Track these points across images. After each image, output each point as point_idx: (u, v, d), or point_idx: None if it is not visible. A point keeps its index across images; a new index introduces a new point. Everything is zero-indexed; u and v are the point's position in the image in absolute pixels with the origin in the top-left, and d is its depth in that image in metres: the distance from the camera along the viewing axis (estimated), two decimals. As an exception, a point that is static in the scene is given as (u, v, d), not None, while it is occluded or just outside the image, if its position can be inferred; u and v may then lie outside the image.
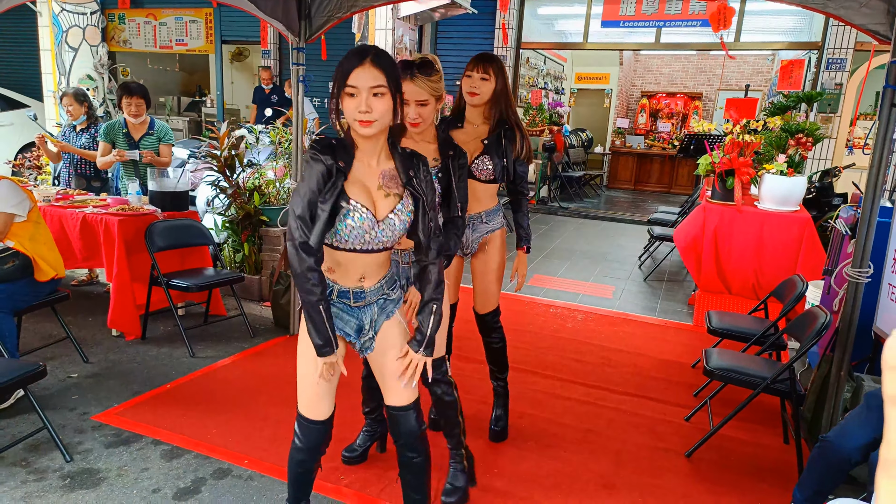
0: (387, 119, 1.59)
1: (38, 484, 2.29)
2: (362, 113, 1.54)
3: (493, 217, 2.53)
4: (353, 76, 1.54)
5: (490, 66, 2.39)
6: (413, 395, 1.82)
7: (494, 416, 2.76)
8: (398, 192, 1.68)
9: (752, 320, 3.31)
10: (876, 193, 2.47)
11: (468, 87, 2.41)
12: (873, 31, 2.50)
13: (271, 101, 8.40)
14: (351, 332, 1.77)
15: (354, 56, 1.56)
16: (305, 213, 1.59)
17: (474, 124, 2.48)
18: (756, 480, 2.54)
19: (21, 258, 2.93)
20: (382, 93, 1.56)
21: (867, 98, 8.36)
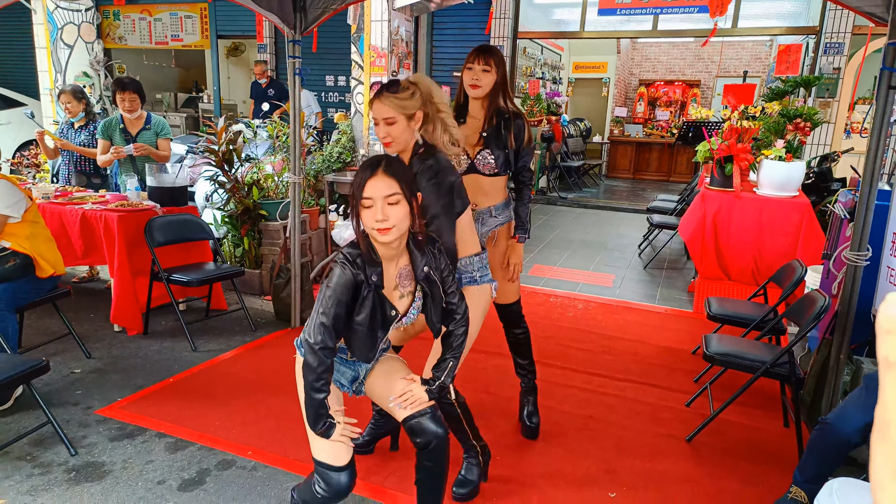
0: (405, 225, 1.64)
1: (43, 478, 2.31)
2: (379, 222, 1.59)
3: (502, 211, 2.52)
4: (367, 187, 1.60)
5: (491, 57, 2.38)
6: (425, 405, 1.82)
7: (526, 413, 2.72)
8: (411, 289, 1.76)
9: (752, 306, 3.33)
10: (874, 177, 2.47)
11: (470, 79, 2.40)
12: (870, 13, 2.50)
13: (268, 94, 8.37)
14: (346, 383, 1.87)
15: (367, 168, 1.63)
16: (330, 322, 1.64)
17: (476, 118, 2.46)
18: (756, 464, 2.55)
19: (21, 257, 2.94)
20: (397, 200, 1.61)
21: (865, 82, 8.33)
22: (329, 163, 5.36)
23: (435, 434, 1.78)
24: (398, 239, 1.66)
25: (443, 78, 9.37)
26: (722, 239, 4.51)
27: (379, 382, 1.87)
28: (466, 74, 2.41)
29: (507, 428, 2.76)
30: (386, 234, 1.60)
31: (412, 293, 1.77)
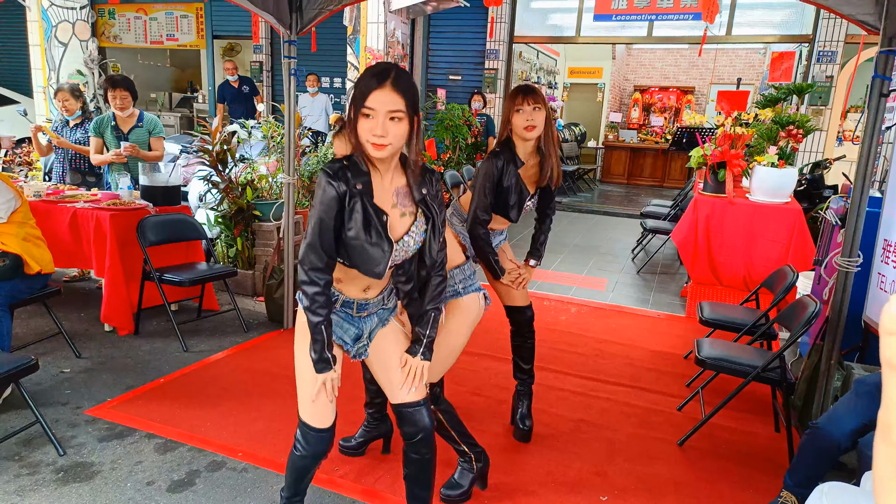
0: (400, 143, 1.57)
1: (31, 478, 2.29)
2: (377, 136, 1.52)
3: (505, 232, 2.71)
4: (371, 98, 1.51)
5: (538, 94, 2.34)
6: (422, 392, 1.81)
7: (520, 416, 2.72)
8: (412, 210, 1.69)
9: (744, 311, 3.34)
10: (865, 183, 2.49)
11: (524, 121, 2.32)
12: (862, 21, 2.52)
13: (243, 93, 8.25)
14: (348, 340, 1.80)
15: (374, 77, 1.52)
16: (316, 241, 1.59)
17: (527, 164, 2.43)
18: (747, 468, 2.56)
19: (10, 257, 2.91)
20: (400, 118, 1.53)
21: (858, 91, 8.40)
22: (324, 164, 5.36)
23: (423, 426, 1.78)
24: (392, 155, 1.60)
25: (438, 80, 9.39)
26: (714, 244, 4.53)
27: (380, 356, 1.82)
28: (518, 117, 2.33)
29: (499, 430, 2.76)
30: (381, 150, 1.54)
31: (413, 214, 1.68)
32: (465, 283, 2.23)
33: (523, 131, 2.34)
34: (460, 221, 2.53)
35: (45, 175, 4.96)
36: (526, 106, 2.32)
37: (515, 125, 2.35)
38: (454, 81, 9.29)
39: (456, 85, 9.26)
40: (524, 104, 2.32)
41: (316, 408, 1.75)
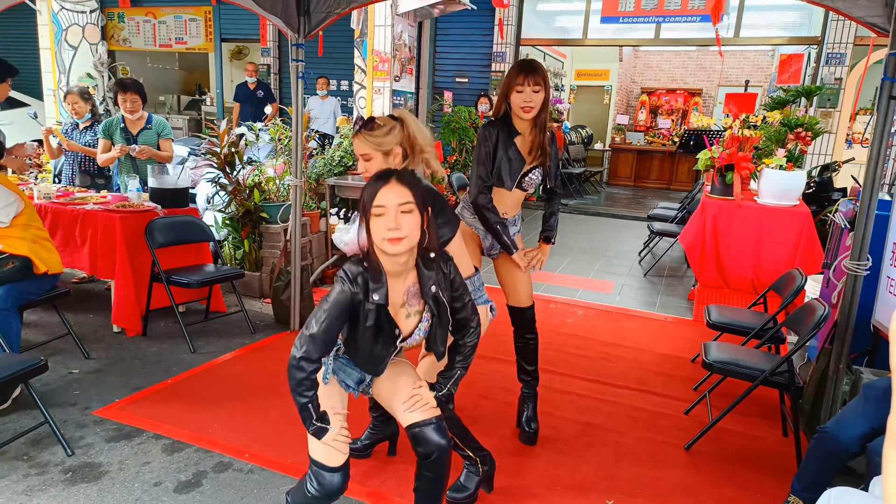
0: (415, 236, 1.59)
1: (39, 478, 2.30)
2: (391, 230, 1.54)
3: (518, 220, 2.65)
4: (379, 196, 1.56)
5: (540, 75, 2.33)
6: (432, 411, 1.79)
7: (525, 418, 2.71)
8: (419, 308, 1.72)
9: (752, 314, 3.32)
10: (874, 186, 2.47)
11: (522, 101, 2.33)
12: (871, 23, 2.50)
13: (258, 96, 8.31)
14: (352, 384, 1.84)
15: (378, 178, 1.59)
16: (319, 335, 1.61)
17: (523, 135, 2.46)
18: (755, 472, 2.54)
19: (20, 259, 2.93)
20: (410, 210, 1.57)
21: (867, 93, 8.35)
22: (331, 166, 5.38)
23: (437, 445, 1.75)
24: (407, 253, 1.62)
25: (445, 83, 9.41)
26: (722, 247, 4.51)
27: (386, 384, 1.86)
28: (516, 96, 2.34)
29: (506, 433, 2.75)
30: (397, 244, 1.55)
31: (420, 312, 1.73)
32: (473, 296, 2.23)
33: (520, 111, 2.35)
34: (471, 214, 2.54)
35: (55, 177, 5.00)
36: (526, 87, 2.32)
37: (513, 103, 2.36)
38: (461, 84, 9.30)
39: (462, 87, 9.27)
40: (524, 84, 2.31)
41: (329, 448, 1.72)
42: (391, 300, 1.68)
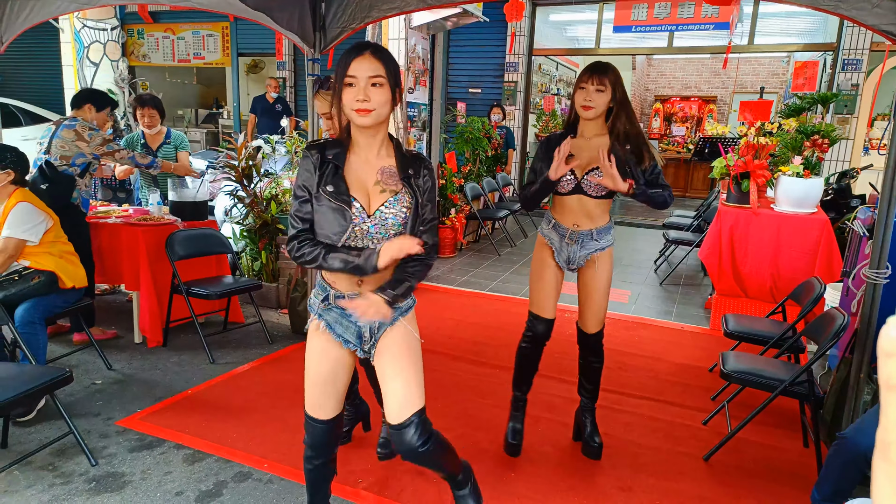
0: (384, 111, 1.59)
1: (64, 487, 2.35)
2: (360, 101, 1.55)
3: (605, 235, 2.46)
4: (352, 67, 1.56)
5: (605, 75, 2.28)
6: (408, 411, 1.69)
7: (588, 433, 2.66)
8: (395, 188, 1.66)
9: (770, 323, 3.30)
10: (892, 194, 2.45)
11: (582, 99, 2.30)
12: (886, 31, 2.50)
13: (276, 109, 8.43)
14: (351, 339, 1.74)
15: (354, 49, 1.59)
16: (294, 209, 1.67)
17: (587, 137, 2.38)
18: (775, 484, 2.52)
19: (45, 274, 3.01)
20: (381, 83, 1.56)
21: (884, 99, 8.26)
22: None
23: (410, 447, 1.69)
24: (376, 126, 1.61)
25: (459, 94, 9.47)
26: (739, 255, 4.48)
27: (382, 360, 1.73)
28: (578, 94, 2.31)
29: (522, 445, 2.75)
30: (365, 115, 1.56)
31: (394, 192, 1.65)
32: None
33: (580, 109, 2.31)
34: (548, 225, 2.53)
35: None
36: (589, 85, 2.27)
37: (575, 101, 2.33)
38: (474, 94, 9.36)
39: (476, 98, 9.33)
40: (588, 83, 2.28)
41: (318, 398, 1.79)
42: (359, 171, 1.65)
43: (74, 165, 3.56)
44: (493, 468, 2.54)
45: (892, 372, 0.38)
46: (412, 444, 1.69)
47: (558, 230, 2.49)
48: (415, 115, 5.82)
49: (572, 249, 2.46)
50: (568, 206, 2.43)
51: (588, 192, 2.37)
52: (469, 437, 2.77)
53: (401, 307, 1.75)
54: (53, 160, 3.50)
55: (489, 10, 7.54)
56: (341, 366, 1.78)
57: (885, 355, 0.38)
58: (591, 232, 2.44)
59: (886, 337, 0.38)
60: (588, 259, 2.47)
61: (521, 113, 9.16)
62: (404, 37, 5.60)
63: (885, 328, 0.38)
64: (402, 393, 1.70)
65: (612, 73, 2.29)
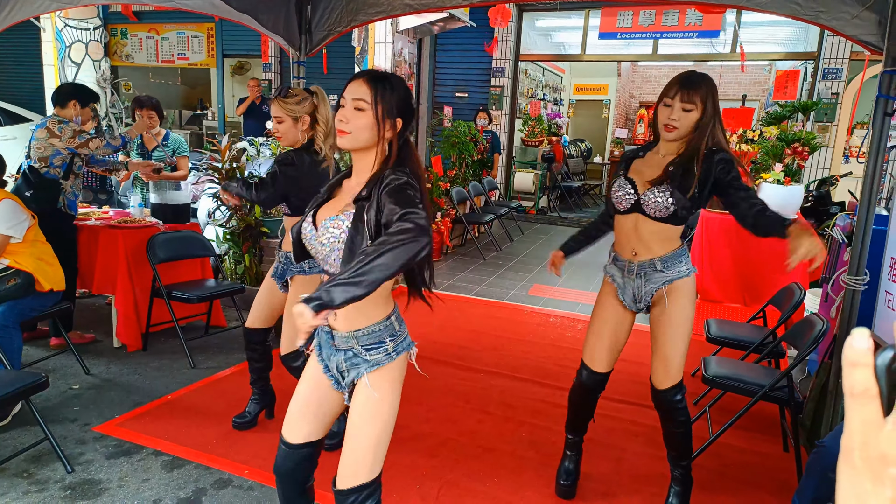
0: (363, 136, 1.51)
1: (39, 495, 2.30)
2: (339, 122, 1.54)
3: (673, 263, 2.07)
4: (347, 89, 1.56)
5: (697, 92, 1.92)
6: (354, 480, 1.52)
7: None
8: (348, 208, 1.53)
9: (751, 328, 3.33)
10: (871, 202, 2.49)
11: (665, 118, 1.97)
12: (865, 41, 2.54)
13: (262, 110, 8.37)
14: (332, 370, 1.59)
15: (357, 73, 1.58)
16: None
17: (661, 154, 2.08)
18: (755, 488, 2.54)
19: (23, 276, 2.96)
20: (362, 108, 1.51)
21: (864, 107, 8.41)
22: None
23: None
24: (362, 151, 1.55)
25: (445, 98, 9.48)
26: (721, 261, 4.53)
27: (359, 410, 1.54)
28: (662, 111, 1.98)
29: (505, 449, 2.75)
30: (341, 136, 1.53)
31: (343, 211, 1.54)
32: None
33: (662, 129, 1.99)
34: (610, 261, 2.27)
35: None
36: (676, 102, 1.94)
37: (658, 118, 2.00)
38: (460, 99, 9.38)
39: (462, 102, 9.34)
40: (675, 99, 1.94)
41: (293, 416, 1.66)
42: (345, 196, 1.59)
43: (54, 167, 3.50)
44: (476, 473, 2.53)
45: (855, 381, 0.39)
46: None
47: (618, 263, 2.18)
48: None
49: (636, 284, 2.11)
50: (624, 230, 2.11)
51: (647, 211, 2.02)
52: (453, 442, 2.76)
53: (368, 360, 1.52)
54: (33, 163, 3.44)
55: (476, 15, 7.57)
56: (325, 391, 1.62)
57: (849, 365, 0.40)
58: (653, 262, 2.06)
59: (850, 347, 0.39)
60: (655, 295, 2.10)
61: (507, 118, 9.19)
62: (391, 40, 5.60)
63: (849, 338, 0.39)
64: (351, 461, 1.54)
65: (705, 87, 1.94)
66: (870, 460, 0.38)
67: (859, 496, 0.39)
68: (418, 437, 2.78)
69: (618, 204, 2.10)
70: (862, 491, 0.39)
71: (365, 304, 1.39)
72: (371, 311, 1.52)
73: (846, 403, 0.40)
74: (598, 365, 2.25)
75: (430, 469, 2.54)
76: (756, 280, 4.45)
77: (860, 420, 0.39)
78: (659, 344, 2.13)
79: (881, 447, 0.38)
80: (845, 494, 0.40)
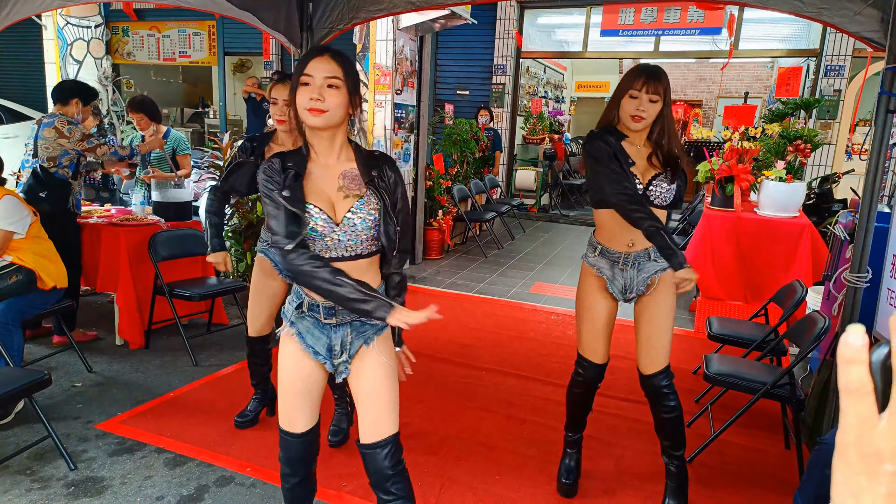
0: (338, 113, 1.53)
1: (42, 492, 2.31)
2: (313, 101, 1.49)
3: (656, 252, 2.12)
4: (310, 66, 1.52)
5: (661, 84, 2.03)
6: (381, 434, 1.65)
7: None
8: (358, 192, 1.59)
9: (753, 326, 3.33)
10: (873, 199, 2.48)
11: (634, 109, 2.03)
12: (868, 38, 2.53)
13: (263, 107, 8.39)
14: (321, 352, 1.66)
15: (314, 50, 1.57)
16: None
17: (636, 144, 2.14)
18: (757, 486, 2.54)
19: (24, 272, 2.96)
20: (337, 85, 1.51)
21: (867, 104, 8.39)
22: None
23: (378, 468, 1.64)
24: (332, 129, 1.56)
25: (446, 95, 9.47)
26: (723, 259, 4.52)
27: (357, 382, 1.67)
28: (628, 103, 2.04)
29: (506, 447, 2.75)
30: (317, 115, 1.50)
31: (358, 196, 1.58)
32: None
33: (629, 119, 2.05)
34: (593, 253, 2.24)
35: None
36: (643, 94, 2.02)
37: (623, 109, 2.06)
38: (462, 96, 9.37)
39: (463, 100, 9.33)
40: (641, 91, 2.01)
41: (290, 411, 1.72)
42: (321, 179, 1.59)
43: (63, 167, 3.50)
44: (477, 471, 2.53)
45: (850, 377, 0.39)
46: (382, 466, 1.65)
47: (608, 255, 2.19)
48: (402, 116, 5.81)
49: (628, 275, 2.16)
50: (620, 222, 2.08)
51: (654, 201, 2.08)
52: (454, 440, 2.77)
53: (376, 324, 1.66)
54: (42, 163, 3.45)
55: (477, 12, 7.55)
56: (314, 379, 1.71)
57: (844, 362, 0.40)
58: (647, 252, 2.13)
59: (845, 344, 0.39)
60: (648, 283, 2.16)
61: (508, 115, 9.18)
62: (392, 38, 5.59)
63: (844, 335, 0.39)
64: (375, 417, 1.65)
65: (665, 80, 2.05)
66: (865, 457, 0.38)
67: (854, 492, 0.39)
68: (419, 434, 2.79)
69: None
70: (857, 487, 0.39)
71: (368, 271, 1.62)
72: (373, 278, 1.65)
73: (841, 400, 0.40)
74: (600, 357, 2.31)
75: (432, 466, 2.55)
76: (758, 277, 4.44)
77: (855, 416, 0.40)
78: (648, 331, 2.19)
79: (876, 443, 0.38)
80: (841, 490, 0.40)
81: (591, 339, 2.29)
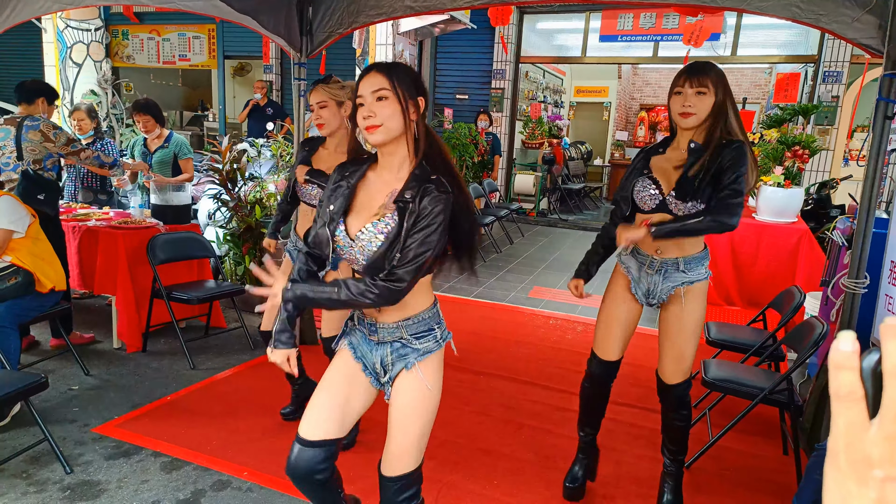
0: (393, 124, 1.49)
1: (38, 496, 2.30)
2: (365, 119, 1.49)
3: (695, 265, 2.10)
4: (359, 87, 1.52)
5: (707, 76, 1.96)
6: (400, 469, 1.59)
7: (665, 500, 2.33)
8: (385, 213, 1.52)
9: (751, 331, 3.33)
10: (871, 205, 2.49)
11: (679, 106, 1.99)
12: (865, 44, 2.54)
13: (265, 112, 8.41)
14: (369, 365, 1.63)
15: (364, 70, 1.56)
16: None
17: (681, 149, 2.06)
18: (755, 491, 2.53)
19: (23, 274, 2.95)
20: (385, 96, 1.48)
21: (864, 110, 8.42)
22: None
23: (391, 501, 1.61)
24: (392, 143, 1.52)
25: (446, 100, 9.49)
26: (721, 264, 4.53)
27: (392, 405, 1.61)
28: (675, 100, 2.01)
29: (504, 451, 2.74)
30: (373, 132, 1.48)
31: (382, 216, 1.52)
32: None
33: (678, 117, 2.00)
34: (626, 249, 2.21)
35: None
36: (687, 88, 1.97)
37: (672, 110, 2.03)
38: (461, 101, 9.39)
39: (463, 104, 9.36)
40: (685, 86, 1.97)
41: (311, 412, 1.61)
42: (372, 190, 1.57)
43: (48, 169, 3.50)
44: (474, 475, 2.53)
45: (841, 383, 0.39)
46: (394, 500, 1.62)
47: (637, 257, 2.18)
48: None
49: (653, 280, 2.14)
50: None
51: (674, 211, 2.03)
52: (452, 444, 2.76)
53: (418, 349, 1.59)
54: (29, 165, 3.44)
55: (477, 17, 7.58)
56: (356, 388, 1.63)
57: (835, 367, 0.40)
58: (676, 261, 2.09)
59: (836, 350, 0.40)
60: (672, 294, 2.12)
61: (507, 120, 9.20)
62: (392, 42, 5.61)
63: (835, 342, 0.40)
64: (400, 450, 1.60)
65: (714, 72, 1.97)
66: (854, 462, 0.39)
67: (844, 497, 0.39)
68: (418, 439, 2.78)
69: (642, 203, 2.11)
70: (846, 493, 0.39)
71: (413, 293, 1.52)
72: (419, 300, 1.59)
73: (832, 406, 0.41)
74: (612, 354, 2.29)
75: (429, 471, 2.53)
76: (756, 283, 4.44)
77: (845, 422, 0.40)
78: (673, 342, 2.17)
79: (865, 449, 0.38)
80: (831, 496, 0.40)
81: (604, 335, 2.30)
